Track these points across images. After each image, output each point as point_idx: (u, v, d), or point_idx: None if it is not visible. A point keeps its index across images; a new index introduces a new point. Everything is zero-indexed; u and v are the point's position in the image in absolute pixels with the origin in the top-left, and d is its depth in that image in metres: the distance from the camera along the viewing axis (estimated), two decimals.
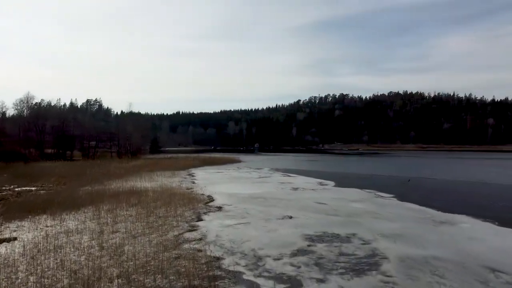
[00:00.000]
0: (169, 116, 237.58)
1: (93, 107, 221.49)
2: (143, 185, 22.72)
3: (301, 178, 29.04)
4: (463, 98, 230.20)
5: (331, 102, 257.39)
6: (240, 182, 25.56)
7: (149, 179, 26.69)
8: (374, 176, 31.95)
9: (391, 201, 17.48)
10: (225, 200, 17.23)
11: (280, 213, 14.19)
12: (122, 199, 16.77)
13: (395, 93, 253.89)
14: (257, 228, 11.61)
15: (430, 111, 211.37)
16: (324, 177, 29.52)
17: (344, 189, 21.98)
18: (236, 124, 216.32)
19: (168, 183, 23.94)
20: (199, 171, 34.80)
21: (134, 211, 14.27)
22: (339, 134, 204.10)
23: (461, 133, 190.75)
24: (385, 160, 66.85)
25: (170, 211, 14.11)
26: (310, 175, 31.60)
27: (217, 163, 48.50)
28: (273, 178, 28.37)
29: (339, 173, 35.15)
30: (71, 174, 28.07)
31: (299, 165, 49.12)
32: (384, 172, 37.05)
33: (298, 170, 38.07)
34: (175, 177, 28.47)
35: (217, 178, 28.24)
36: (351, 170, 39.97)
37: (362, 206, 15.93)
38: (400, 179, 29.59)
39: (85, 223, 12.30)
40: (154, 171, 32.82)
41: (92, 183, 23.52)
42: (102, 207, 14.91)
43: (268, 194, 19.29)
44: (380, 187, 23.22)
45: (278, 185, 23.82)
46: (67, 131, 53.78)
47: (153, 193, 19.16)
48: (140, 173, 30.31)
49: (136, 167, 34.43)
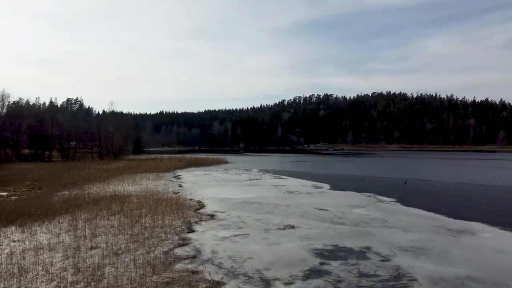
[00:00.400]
0: (152, 115, 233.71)
1: (73, 106, 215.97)
2: (126, 190, 21.05)
3: (293, 180, 27.79)
4: (445, 99, 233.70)
5: (316, 102, 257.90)
6: (230, 185, 24.13)
7: (132, 182, 25.00)
8: (367, 177, 30.95)
9: (395, 207, 16.34)
10: (217, 206, 15.80)
11: (279, 221, 12.86)
12: (102, 206, 15.17)
13: (378, 93, 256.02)
14: (258, 241, 10.24)
15: (413, 112, 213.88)
16: (317, 179, 28.34)
17: (341, 193, 20.79)
18: (221, 124, 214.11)
19: (153, 187, 22.32)
20: (185, 173, 33.19)
21: (116, 220, 12.71)
22: (324, 134, 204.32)
23: (443, 134, 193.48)
24: (373, 161, 66.37)
25: (157, 220, 12.62)
26: (302, 177, 30.38)
27: (203, 164, 46.87)
28: (265, 181, 27.02)
29: (331, 175, 34.07)
30: (47, 177, 26.12)
31: (288, 166, 47.95)
32: (376, 173, 36.17)
33: (288, 172, 36.86)
34: (160, 180, 26.83)
35: (205, 180, 26.72)
36: (342, 172, 38.98)
37: (366, 212, 14.73)
38: (395, 180, 28.67)
39: (59, 236, 10.69)
40: (138, 173, 31.05)
41: (70, 188, 21.72)
42: (80, 216, 13.30)
43: (262, 199, 17.93)
44: (378, 190, 22.15)
45: (271, 188, 22.49)
46: (44, 130, 51.23)
47: (137, 198, 17.58)
48: (122, 176, 28.53)
49: (119, 169, 32.56)
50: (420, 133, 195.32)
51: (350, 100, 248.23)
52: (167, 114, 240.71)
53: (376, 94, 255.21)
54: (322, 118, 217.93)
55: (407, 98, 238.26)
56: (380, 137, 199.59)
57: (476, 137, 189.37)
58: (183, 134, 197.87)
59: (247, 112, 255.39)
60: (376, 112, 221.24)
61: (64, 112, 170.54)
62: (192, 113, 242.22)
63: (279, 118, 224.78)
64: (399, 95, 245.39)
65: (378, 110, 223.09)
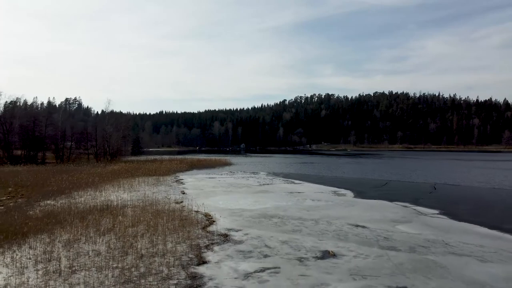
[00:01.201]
0: (152, 115, 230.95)
1: (72, 106, 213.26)
2: (121, 198, 18.26)
3: (308, 185, 24.99)
4: (448, 98, 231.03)
5: (317, 102, 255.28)
6: (240, 191, 21.33)
7: (129, 188, 22.20)
8: (389, 182, 28.12)
9: (445, 222, 13.54)
10: (230, 222, 13.02)
11: (313, 245, 10.07)
12: (90, 221, 12.41)
13: (380, 93, 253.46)
14: (294, 280, 7.45)
15: (416, 112, 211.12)
16: (334, 184, 25.57)
17: (370, 202, 18.00)
18: (222, 124, 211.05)
19: (152, 195, 19.52)
20: (187, 177, 30.38)
21: (104, 244, 9.93)
22: (326, 135, 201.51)
23: (447, 134, 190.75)
24: (383, 162, 63.48)
25: (157, 244, 9.86)
26: (316, 181, 27.60)
27: (206, 166, 44.06)
28: (276, 186, 24.22)
29: (347, 179, 31.26)
30: (33, 182, 23.30)
31: (296, 168, 45.11)
32: (396, 177, 33.31)
33: (299, 175, 34.07)
34: (160, 185, 24.03)
35: (211, 186, 23.92)
36: (358, 174, 36.13)
37: (414, 230, 11.94)
38: (421, 185, 25.91)
39: (23, 272, 7.89)
40: (135, 177, 28.25)
41: (57, 195, 18.93)
42: (59, 237, 10.53)
43: (282, 211, 15.15)
44: (409, 197, 19.40)
45: (287, 196, 19.69)
46: (37, 131, 48.38)
47: (133, 210, 14.82)
48: (118, 181, 25.72)
49: (114, 172, 29.72)
50: (423, 133, 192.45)
51: (351, 100, 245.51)
52: (166, 114, 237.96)
53: (378, 94, 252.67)
54: (324, 118, 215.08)
55: (410, 98, 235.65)
56: (383, 137, 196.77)
57: (480, 137, 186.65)
58: (183, 134, 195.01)
59: (247, 112, 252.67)
60: (378, 112, 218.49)
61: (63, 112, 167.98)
62: (192, 113, 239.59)
63: (280, 118, 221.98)
64: (401, 94, 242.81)
65: (381, 110, 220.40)
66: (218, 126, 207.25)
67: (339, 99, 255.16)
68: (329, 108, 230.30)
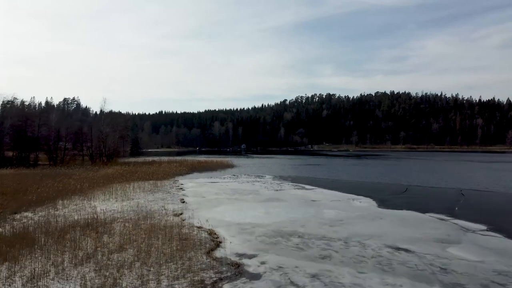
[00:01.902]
0: (151, 116, 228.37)
1: (70, 106, 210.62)
2: (110, 209, 15.84)
3: (322, 192, 22.58)
4: (450, 98, 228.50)
5: (318, 102, 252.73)
6: (247, 199, 18.90)
7: (121, 195, 19.77)
8: (408, 187, 25.66)
9: (505, 243, 11.11)
10: (240, 243, 10.60)
11: (352, 281, 7.67)
12: (68, 243, 10.03)
13: (381, 93, 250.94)
14: None
15: (418, 111, 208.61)
16: (349, 190, 23.15)
17: (399, 214, 15.59)
18: (222, 124, 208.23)
19: (147, 204, 17.11)
20: (187, 181, 27.93)
21: (78, 280, 7.51)
22: (327, 135, 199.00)
23: (451, 134, 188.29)
24: (392, 163, 60.90)
25: (148, 280, 7.46)
26: (329, 187, 25.19)
27: (207, 168, 41.61)
28: (287, 192, 21.79)
29: (362, 184, 28.82)
30: (17, 188, 20.85)
31: (303, 171, 42.65)
32: (413, 181, 30.78)
33: (308, 179, 31.63)
34: (157, 192, 21.60)
35: (214, 193, 21.50)
36: (371, 178, 33.62)
37: (475, 257, 9.50)
38: (446, 191, 23.53)
39: None
40: (131, 182, 25.81)
41: (38, 205, 16.54)
42: (23, 268, 8.12)
43: (299, 226, 12.75)
44: (440, 207, 17.02)
45: (301, 205, 17.28)
46: (30, 131, 45.93)
47: (123, 226, 12.42)
48: (111, 186, 23.29)
49: (108, 176, 27.22)
50: (426, 133, 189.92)
51: (353, 100, 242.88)
52: (166, 114, 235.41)
53: (379, 94, 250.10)
54: (325, 118, 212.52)
55: (412, 98, 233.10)
56: (386, 138, 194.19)
57: (484, 137, 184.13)
58: (182, 135, 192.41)
59: (248, 112, 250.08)
60: (380, 112, 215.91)
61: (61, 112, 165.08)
62: (192, 113, 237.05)
63: (281, 118, 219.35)
64: (403, 94, 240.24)
65: (383, 109, 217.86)
66: (218, 126, 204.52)
67: (340, 99, 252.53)
68: (331, 108, 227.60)
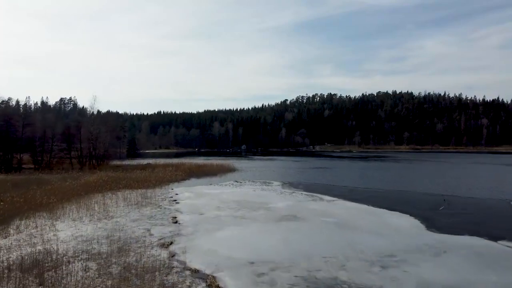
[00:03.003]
0: (149, 116, 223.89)
1: (67, 106, 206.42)
2: (77, 235, 11.88)
3: (343, 204, 18.68)
4: (454, 98, 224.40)
5: (319, 101, 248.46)
6: (257, 218, 14.96)
7: (99, 212, 15.82)
8: (446, 198, 21.68)
9: None
10: None
11: None
12: None
13: (383, 92, 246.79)
14: None
15: (422, 111, 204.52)
16: (377, 202, 19.26)
17: (464, 242, 11.69)
18: (222, 124, 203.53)
19: (128, 227, 13.17)
20: (184, 190, 23.93)
21: None
22: (329, 135, 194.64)
23: (455, 134, 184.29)
24: (406, 166, 56.63)
25: None
26: (348, 197, 21.30)
27: (207, 173, 37.56)
28: (304, 206, 17.84)
29: (387, 193, 24.86)
30: None
31: (313, 175, 38.61)
32: (446, 189, 26.74)
33: (323, 187, 27.70)
34: (145, 207, 17.63)
35: (214, 207, 17.55)
36: (394, 185, 29.38)
37: None
38: (492, 203, 19.61)
39: None
40: (116, 191, 21.85)
41: None
42: None
43: (338, 268, 8.83)
44: (507, 230, 13.11)
45: (327, 227, 13.36)
46: (13, 132, 41.93)
47: (84, 268, 8.51)
48: (90, 198, 19.31)
49: (90, 185, 23.14)
50: (430, 134, 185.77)
51: (355, 100, 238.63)
52: (164, 114, 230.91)
53: (381, 94, 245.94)
54: (327, 118, 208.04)
55: (414, 97, 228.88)
56: (389, 138, 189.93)
57: (489, 137, 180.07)
58: (181, 135, 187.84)
59: (248, 112, 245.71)
60: (383, 112, 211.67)
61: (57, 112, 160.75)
62: (191, 113, 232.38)
63: (282, 118, 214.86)
64: (405, 94, 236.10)
65: (385, 109, 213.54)
66: (218, 127, 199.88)
67: (341, 98, 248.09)
68: (332, 108, 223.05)
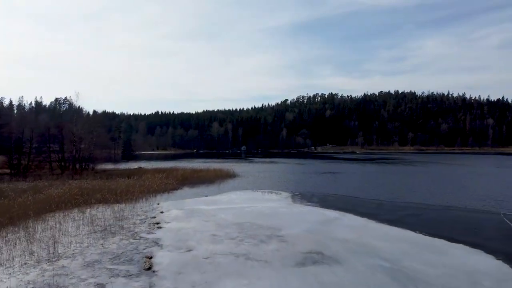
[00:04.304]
0: (147, 116, 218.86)
1: (62, 106, 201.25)
2: None
3: (381, 229, 14.00)
4: (458, 97, 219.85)
5: (321, 101, 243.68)
6: (269, 260, 10.20)
7: (42, 248, 11.03)
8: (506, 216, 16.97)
9: None
10: None
11: None
12: None
13: (386, 92, 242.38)
14: None
15: (426, 111, 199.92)
16: (424, 227, 14.59)
17: None
18: (221, 125, 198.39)
19: (72, 281, 8.35)
20: (171, 207, 19.11)
21: None
22: (331, 136, 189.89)
23: (461, 135, 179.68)
24: (426, 171, 51.20)
25: None
26: (381, 217, 16.61)
27: (202, 180, 32.73)
28: (329, 233, 13.11)
29: (425, 208, 20.14)
30: None
31: (324, 183, 33.71)
32: (493, 202, 22.17)
33: (340, 199, 22.99)
34: (114, 235, 12.86)
35: (209, 235, 12.82)
36: (428, 198, 24.43)
37: None
38: None
39: None
40: (85, 209, 17.10)
41: None
42: None
43: None
44: None
45: (374, 277, 8.57)
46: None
47: None
48: (46, 219, 14.54)
49: (51, 199, 18.32)
50: (435, 134, 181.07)
51: (356, 100, 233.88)
52: (162, 115, 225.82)
53: (383, 93, 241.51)
54: (329, 119, 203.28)
55: (417, 97, 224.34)
56: (393, 139, 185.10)
57: (495, 138, 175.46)
58: (179, 136, 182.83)
59: (248, 112, 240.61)
60: (386, 112, 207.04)
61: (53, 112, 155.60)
62: (189, 113, 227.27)
63: (283, 119, 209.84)
64: (408, 93, 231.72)
65: (388, 109, 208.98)
66: (217, 127, 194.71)
67: (343, 98, 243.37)
68: (334, 108, 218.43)
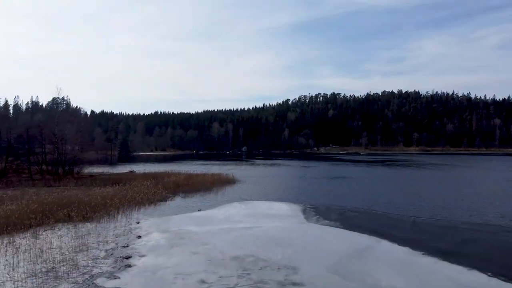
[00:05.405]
0: (145, 116, 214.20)
1: (59, 106, 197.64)
2: None
3: (444, 273, 10.01)
4: (462, 97, 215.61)
5: (323, 101, 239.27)
6: None
7: None
8: None
9: None
10: None
11: None
12: None
13: (389, 92, 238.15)
14: None
15: (431, 111, 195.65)
16: (478, 259, 10.58)
17: None
18: (221, 125, 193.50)
19: None
20: (153, 228, 15.10)
21: None
22: (334, 136, 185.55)
23: (467, 135, 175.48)
24: (449, 176, 46.52)
25: None
26: (431, 247, 12.67)
27: (198, 188, 28.70)
28: (366, 277, 9.08)
29: (484, 232, 16.18)
30: None
31: (335, 191, 29.62)
32: None
33: (362, 216, 19.03)
34: (65, 279, 8.85)
35: (196, 282, 8.79)
36: (477, 214, 20.29)
37: None
38: None
39: None
40: (39, 231, 13.19)
41: None
42: None
43: None
44: None
45: None
46: None
47: None
48: None
49: (5, 217, 14.34)
50: (441, 135, 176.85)
51: (359, 99, 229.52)
52: (161, 115, 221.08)
53: (386, 93, 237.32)
54: (332, 119, 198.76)
55: (422, 97, 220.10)
56: (398, 139, 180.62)
57: (502, 138, 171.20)
58: (178, 136, 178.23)
59: (248, 112, 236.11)
60: (390, 112, 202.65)
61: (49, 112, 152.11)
62: (189, 113, 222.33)
63: (284, 119, 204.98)
64: (411, 93, 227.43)
65: (392, 109, 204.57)
66: (217, 127, 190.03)
67: (345, 98, 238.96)
68: (337, 108, 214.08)
